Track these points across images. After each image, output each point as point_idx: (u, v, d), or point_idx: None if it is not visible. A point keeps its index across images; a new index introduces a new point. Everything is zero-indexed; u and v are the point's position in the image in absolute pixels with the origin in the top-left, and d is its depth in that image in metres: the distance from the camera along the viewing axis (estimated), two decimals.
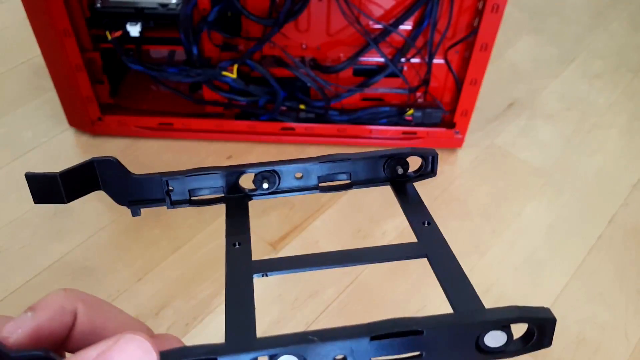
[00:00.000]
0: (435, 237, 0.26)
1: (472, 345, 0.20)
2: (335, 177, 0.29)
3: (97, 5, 0.81)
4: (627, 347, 0.74)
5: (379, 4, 0.82)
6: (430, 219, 0.27)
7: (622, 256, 0.84)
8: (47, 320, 0.21)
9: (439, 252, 0.25)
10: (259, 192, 0.29)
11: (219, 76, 0.86)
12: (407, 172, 0.29)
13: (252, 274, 0.25)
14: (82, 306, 0.22)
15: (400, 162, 0.28)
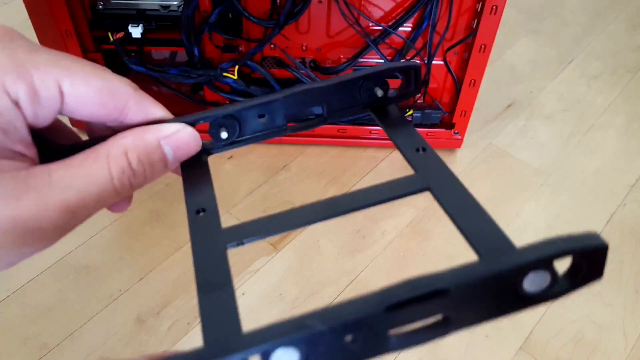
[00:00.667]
0: (435, 165, 0.22)
1: (510, 294, 0.17)
2: (305, 113, 0.24)
3: (99, 7, 0.82)
4: (625, 346, 0.75)
5: (379, 6, 0.83)
6: (424, 144, 0.23)
7: (620, 256, 0.85)
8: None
9: (443, 183, 0.21)
10: (218, 143, 0.24)
11: (220, 77, 0.86)
12: (388, 93, 0.25)
13: (225, 244, 0.20)
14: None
15: (379, 82, 0.24)
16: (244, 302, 0.76)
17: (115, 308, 0.75)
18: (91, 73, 0.20)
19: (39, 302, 0.76)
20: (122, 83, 0.21)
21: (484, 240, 0.19)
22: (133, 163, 0.20)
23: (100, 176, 0.19)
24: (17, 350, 0.71)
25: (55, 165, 0.19)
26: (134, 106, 0.21)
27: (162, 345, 0.72)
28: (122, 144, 0.20)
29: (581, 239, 0.17)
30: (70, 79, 0.19)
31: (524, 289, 0.17)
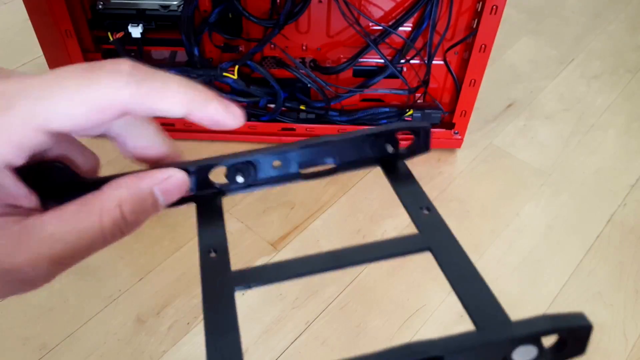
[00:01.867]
0: (437, 226, 0.23)
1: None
2: (318, 162, 0.25)
3: (98, 7, 0.82)
4: (625, 346, 0.75)
5: (379, 6, 0.83)
6: (429, 204, 0.24)
7: (620, 256, 0.85)
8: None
9: (444, 245, 0.22)
10: (233, 186, 0.25)
11: (220, 77, 0.86)
12: (398, 149, 0.26)
13: (233, 287, 0.21)
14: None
15: (390, 139, 0.26)
16: (244, 302, 0.76)
17: (115, 308, 0.75)
18: (74, 92, 0.18)
19: (38, 302, 0.76)
20: (113, 90, 0.19)
21: (481, 311, 0.19)
22: (127, 214, 0.20)
23: (92, 230, 0.19)
24: (16, 350, 0.71)
25: (49, 216, 0.19)
26: (134, 108, 0.20)
27: (162, 345, 0.72)
28: (116, 196, 0.20)
29: (569, 319, 0.18)
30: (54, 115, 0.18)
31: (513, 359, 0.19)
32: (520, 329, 0.18)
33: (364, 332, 0.74)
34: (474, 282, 0.20)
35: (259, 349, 0.72)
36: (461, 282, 0.21)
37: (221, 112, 0.21)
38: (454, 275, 0.21)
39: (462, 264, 0.21)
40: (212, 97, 0.21)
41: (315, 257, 0.22)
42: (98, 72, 0.18)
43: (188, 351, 0.72)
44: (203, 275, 0.22)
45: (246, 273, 0.22)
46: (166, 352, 0.71)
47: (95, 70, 0.18)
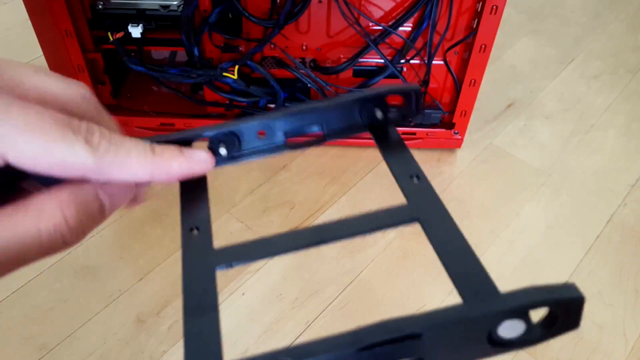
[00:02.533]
0: (427, 195, 0.22)
1: (484, 339, 0.17)
2: (304, 131, 0.24)
3: (98, 7, 0.82)
4: (625, 346, 0.75)
5: (379, 6, 0.83)
6: (419, 172, 0.22)
7: (620, 256, 0.85)
8: None
9: (433, 216, 0.21)
10: (217, 159, 0.24)
11: (220, 77, 0.86)
12: (388, 114, 0.24)
13: (214, 266, 0.20)
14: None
15: (379, 104, 0.24)
16: (244, 302, 0.76)
17: (115, 308, 0.75)
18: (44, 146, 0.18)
19: (39, 302, 0.76)
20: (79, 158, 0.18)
21: (468, 284, 0.18)
22: (70, 218, 0.19)
23: (27, 235, 0.18)
24: (16, 350, 0.71)
25: None
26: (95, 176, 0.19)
27: (162, 345, 0.72)
28: (58, 198, 0.19)
29: (558, 290, 0.17)
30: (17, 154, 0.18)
31: (499, 335, 0.17)
32: (502, 303, 0.17)
33: None
34: (463, 255, 0.19)
35: (259, 349, 0.72)
36: (449, 254, 0.19)
37: (185, 168, 0.21)
38: (442, 247, 0.20)
39: (451, 235, 0.20)
40: (172, 156, 0.21)
41: (299, 233, 0.21)
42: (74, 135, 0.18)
43: None
44: (184, 253, 0.21)
45: (228, 251, 0.21)
46: (166, 352, 0.71)
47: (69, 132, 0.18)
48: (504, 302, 0.17)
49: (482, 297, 0.18)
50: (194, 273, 0.20)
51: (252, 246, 0.21)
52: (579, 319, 0.18)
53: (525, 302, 0.17)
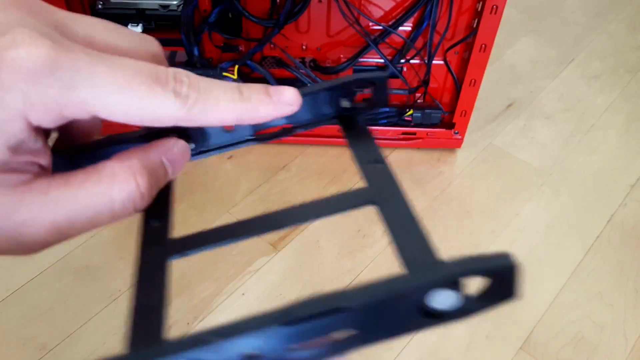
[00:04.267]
0: (385, 179, 0.22)
1: (416, 312, 0.17)
2: (272, 122, 0.24)
3: (98, 7, 0.82)
4: (625, 346, 0.75)
5: (379, 5, 0.83)
6: (380, 157, 0.22)
7: (620, 256, 0.85)
8: None
9: (389, 197, 0.21)
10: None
11: (219, 77, 0.86)
12: (355, 103, 0.24)
13: (166, 256, 0.20)
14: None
15: (346, 93, 0.24)
16: (244, 302, 0.76)
17: (115, 308, 0.75)
18: (138, 101, 0.18)
19: (38, 302, 0.76)
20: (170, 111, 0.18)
21: (412, 258, 0.18)
22: (142, 186, 0.19)
23: (100, 202, 0.18)
24: (16, 350, 0.71)
25: (56, 180, 0.18)
26: (184, 124, 0.19)
27: None
28: (130, 165, 0.19)
29: (490, 259, 0.17)
30: (107, 110, 0.18)
31: (431, 306, 0.17)
32: (428, 275, 0.17)
33: None
34: (411, 231, 0.19)
35: None
36: (400, 230, 0.20)
37: (272, 111, 0.21)
38: (395, 225, 0.20)
39: (404, 213, 0.20)
40: (260, 100, 0.20)
41: (257, 219, 0.21)
42: (162, 89, 0.18)
43: None
44: (140, 243, 0.21)
45: (183, 240, 0.21)
46: None
47: (158, 86, 0.18)
48: (433, 272, 0.17)
49: (421, 267, 0.18)
50: (146, 263, 0.20)
51: (208, 235, 0.21)
52: (514, 289, 0.17)
53: (454, 271, 0.17)
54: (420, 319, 0.17)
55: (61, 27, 0.18)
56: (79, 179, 0.18)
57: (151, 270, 0.20)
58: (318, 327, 0.16)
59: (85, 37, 0.19)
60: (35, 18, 0.18)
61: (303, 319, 0.16)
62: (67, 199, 0.18)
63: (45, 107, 0.17)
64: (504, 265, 0.16)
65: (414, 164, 0.96)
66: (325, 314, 0.16)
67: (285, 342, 0.16)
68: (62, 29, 0.18)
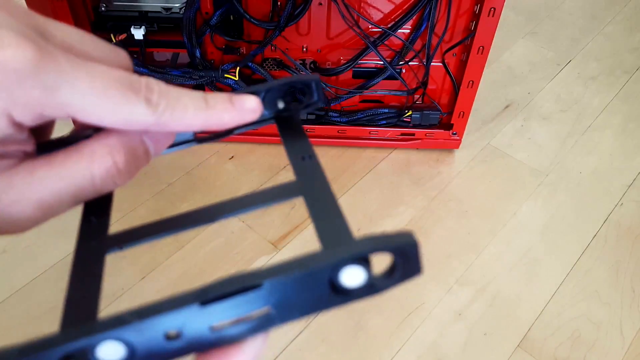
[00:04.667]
0: (314, 172, 0.23)
1: (327, 289, 0.18)
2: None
3: (101, 9, 0.82)
4: (622, 344, 0.75)
5: (378, 8, 0.84)
6: (311, 153, 0.24)
7: (617, 255, 0.86)
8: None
9: (316, 189, 0.22)
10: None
11: (221, 78, 0.87)
12: (290, 104, 0.25)
13: (104, 250, 0.21)
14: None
15: (281, 95, 0.25)
16: None
17: (117, 307, 0.76)
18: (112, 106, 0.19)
19: (40, 302, 0.76)
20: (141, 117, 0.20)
21: (329, 238, 0.20)
22: (119, 162, 0.20)
23: (81, 177, 0.19)
24: None
25: (40, 161, 0.19)
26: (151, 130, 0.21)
27: None
28: (107, 143, 0.20)
29: (394, 237, 0.18)
30: (83, 112, 0.19)
31: (342, 284, 0.18)
32: (336, 253, 0.18)
33: (364, 330, 0.75)
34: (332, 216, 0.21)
35: None
36: (321, 217, 0.21)
37: (236, 118, 0.22)
38: (317, 213, 0.21)
39: (327, 202, 0.21)
40: (224, 109, 0.22)
41: (190, 213, 0.22)
42: (136, 96, 0.19)
43: None
44: (78, 237, 0.21)
45: (120, 235, 0.22)
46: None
47: (132, 94, 0.19)
48: (343, 249, 0.18)
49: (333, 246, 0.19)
50: (83, 257, 0.21)
51: (144, 229, 0.22)
52: (418, 265, 0.19)
53: (362, 248, 0.18)
54: (333, 296, 0.18)
55: (42, 31, 0.19)
56: (61, 158, 0.19)
57: (87, 263, 0.20)
58: (235, 306, 0.17)
59: (64, 42, 0.20)
60: (18, 20, 0.18)
61: (218, 297, 0.17)
62: (51, 178, 0.19)
63: (28, 106, 0.18)
64: (406, 243, 0.18)
65: (412, 164, 0.97)
66: (239, 292, 0.17)
67: (205, 321, 0.17)
68: (43, 32, 0.19)
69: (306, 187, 0.22)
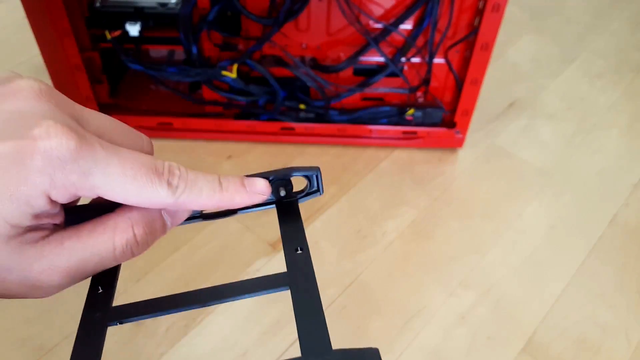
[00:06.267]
0: (304, 265, 0.25)
1: None
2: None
3: (96, 5, 0.81)
4: (627, 348, 0.74)
5: (379, 4, 0.82)
6: (303, 245, 0.26)
7: (623, 257, 0.84)
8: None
9: (302, 284, 0.24)
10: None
11: (218, 76, 0.86)
12: (292, 192, 0.28)
13: (106, 323, 0.24)
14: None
15: (283, 183, 0.27)
16: (243, 303, 0.75)
17: None
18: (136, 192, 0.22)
19: (36, 303, 0.75)
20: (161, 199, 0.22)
21: (309, 346, 0.21)
22: (138, 235, 0.23)
23: (104, 248, 0.22)
24: (14, 351, 0.71)
25: (68, 232, 0.22)
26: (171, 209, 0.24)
27: (159, 347, 0.71)
28: (129, 217, 0.23)
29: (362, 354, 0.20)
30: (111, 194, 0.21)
31: None
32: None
33: (365, 334, 0.73)
34: (315, 317, 0.22)
35: (258, 351, 0.71)
36: (304, 315, 0.22)
37: (246, 199, 0.25)
38: (301, 310, 0.23)
39: (311, 299, 0.23)
40: (236, 191, 0.24)
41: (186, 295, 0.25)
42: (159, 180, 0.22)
43: (186, 353, 0.71)
44: (85, 308, 0.24)
45: (122, 309, 0.24)
46: (164, 354, 0.71)
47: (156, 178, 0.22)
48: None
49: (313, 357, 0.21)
50: (86, 328, 0.23)
51: (144, 305, 0.24)
52: None
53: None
54: None
55: (79, 119, 0.22)
56: (88, 229, 0.22)
57: (90, 334, 0.23)
58: None
59: (98, 129, 0.22)
60: (61, 110, 0.21)
61: None
62: (78, 248, 0.22)
63: (65, 188, 0.20)
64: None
65: (415, 163, 0.95)
66: None
67: None
68: (80, 120, 0.22)
69: (294, 281, 0.24)
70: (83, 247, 0.22)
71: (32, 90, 0.21)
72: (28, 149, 0.19)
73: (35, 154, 0.19)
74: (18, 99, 0.21)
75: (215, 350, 0.71)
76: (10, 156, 0.19)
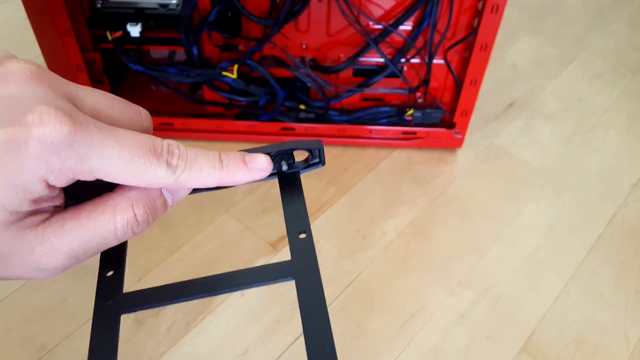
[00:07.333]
0: (307, 253, 0.25)
1: None
2: None
3: (97, 6, 0.81)
4: (626, 347, 0.74)
5: (379, 5, 0.82)
6: (307, 228, 0.26)
7: (621, 256, 0.84)
8: None
9: (306, 274, 0.24)
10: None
11: (219, 76, 0.86)
12: (293, 164, 0.28)
13: (119, 311, 0.24)
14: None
15: (285, 157, 0.27)
16: (244, 302, 0.76)
17: None
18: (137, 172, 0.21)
19: (38, 303, 0.75)
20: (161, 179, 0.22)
21: (315, 344, 0.21)
22: (138, 215, 0.23)
23: (105, 229, 0.22)
24: (16, 350, 0.71)
25: (69, 214, 0.22)
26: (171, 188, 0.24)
27: (161, 345, 0.72)
28: (129, 197, 0.22)
29: None
30: (109, 176, 0.21)
31: None
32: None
33: (364, 333, 0.74)
34: (320, 317, 0.22)
35: (257, 350, 0.72)
36: (309, 315, 0.22)
37: (247, 176, 0.24)
38: (306, 306, 0.23)
39: (316, 295, 0.23)
40: (237, 167, 0.24)
41: (194, 283, 0.25)
42: (157, 160, 0.22)
43: (187, 352, 0.71)
44: (97, 294, 0.24)
45: (133, 296, 0.24)
46: (165, 352, 0.71)
47: (155, 158, 0.22)
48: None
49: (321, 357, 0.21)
50: (101, 317, 0.23)
51: (155, 293, 0.24)
52: None
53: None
54: None
55: (73, 99, 0.22)
56: (88, 210, 0.22)
57: (105, 325, 0.23)
58: None
59: (93, 109, 0.22)
60: (55, 91, 0.21)
61: None
62: (79, 229, 0.22)
63: (62, 173, 0.20)
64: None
65: (414, 163, 0.95)
66: None
67: None
68: (74, 100, 0.22)
69: (299, 271, 0.24)
70: (84, 228, 0.22)
71: (22, 73, 0.20)
72: (22, 136, 0.19)
73: (29, 141, 0.19)
74: (9, 83, 0.20)
75: (215, 349, 0.72)
76: (5, 144, 0.19)
